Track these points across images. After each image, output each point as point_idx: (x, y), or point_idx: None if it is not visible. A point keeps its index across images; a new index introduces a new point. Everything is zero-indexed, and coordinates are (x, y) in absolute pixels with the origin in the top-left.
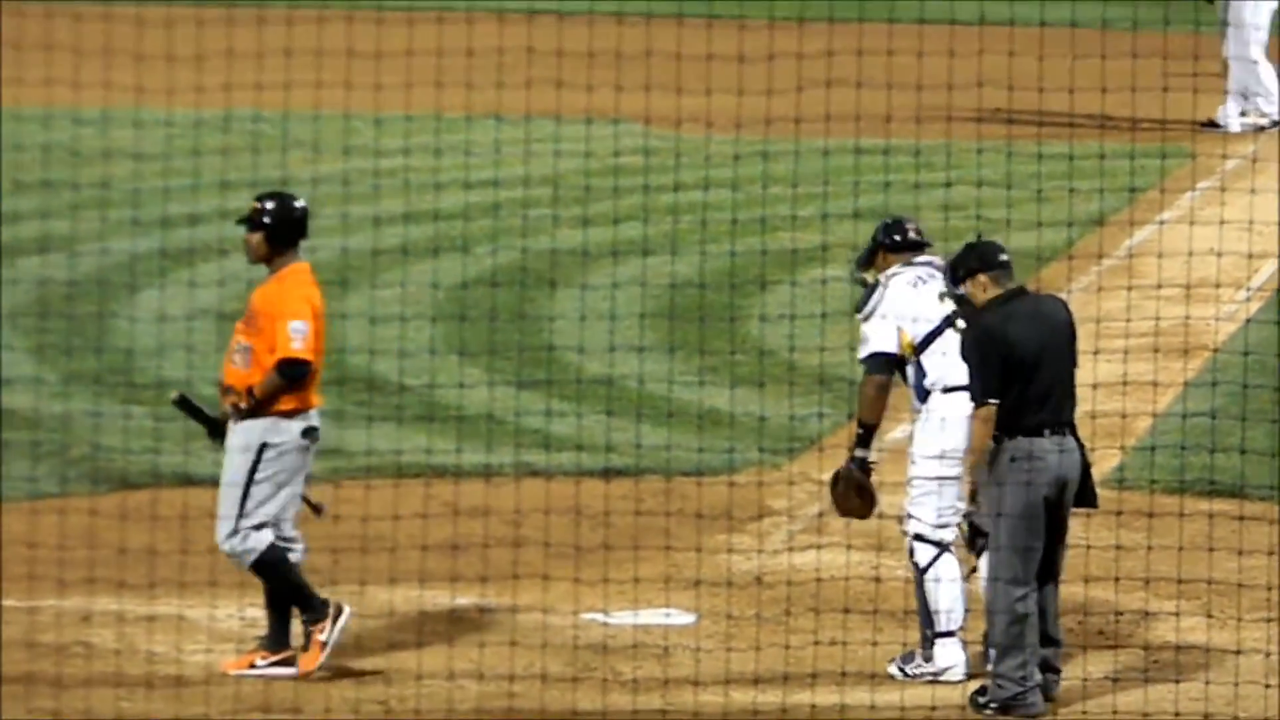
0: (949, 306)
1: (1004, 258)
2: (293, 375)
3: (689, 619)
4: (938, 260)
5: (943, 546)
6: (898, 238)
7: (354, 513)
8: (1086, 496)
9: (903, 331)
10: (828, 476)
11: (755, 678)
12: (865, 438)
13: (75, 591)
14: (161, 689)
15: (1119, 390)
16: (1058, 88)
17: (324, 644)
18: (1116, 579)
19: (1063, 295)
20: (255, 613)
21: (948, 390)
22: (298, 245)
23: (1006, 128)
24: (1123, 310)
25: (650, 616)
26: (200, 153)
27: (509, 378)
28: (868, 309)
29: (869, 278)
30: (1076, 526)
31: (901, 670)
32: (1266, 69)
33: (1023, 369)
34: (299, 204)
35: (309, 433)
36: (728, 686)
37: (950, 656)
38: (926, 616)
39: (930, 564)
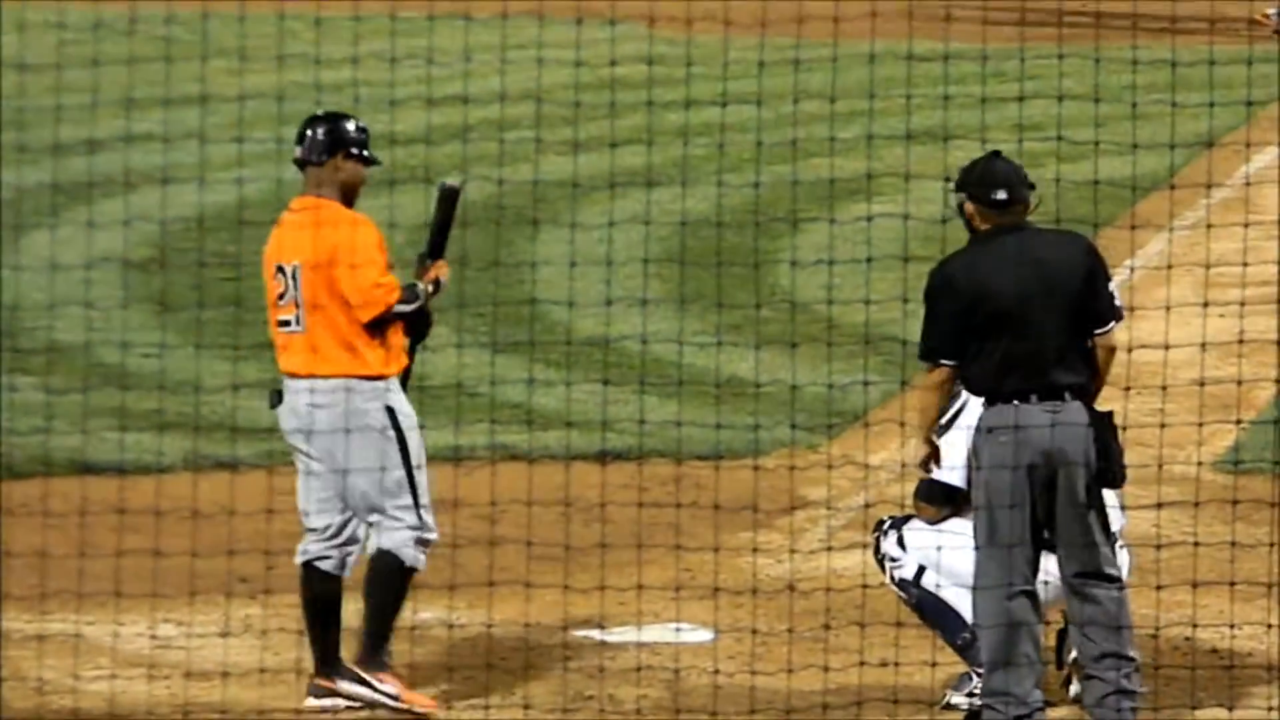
0: None
1: (999, 196)
2: None
3: (705, 635)
4: None
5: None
6: None
7: (291, 505)
8: (1106, 474)
9: None
10: (875, 460)
11: (787, 707)
12: None
13: None
14: None
15: (1233, 351)
16: None
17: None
18: (1232, 584)
19: (1085, 232)
20: (169, 630)
21: None
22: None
23: (1094, 28)
24: (1238, 253)
25: (657, 633)
26: (100, 62)
27: (481, 339)
28: (942, 428)
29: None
30: (1182, 519)
31: (967, 696)
32: None
33: (1000, 321)
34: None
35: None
36: (752, 717)
37: None
38: (951, 623)
39: (920, 572)
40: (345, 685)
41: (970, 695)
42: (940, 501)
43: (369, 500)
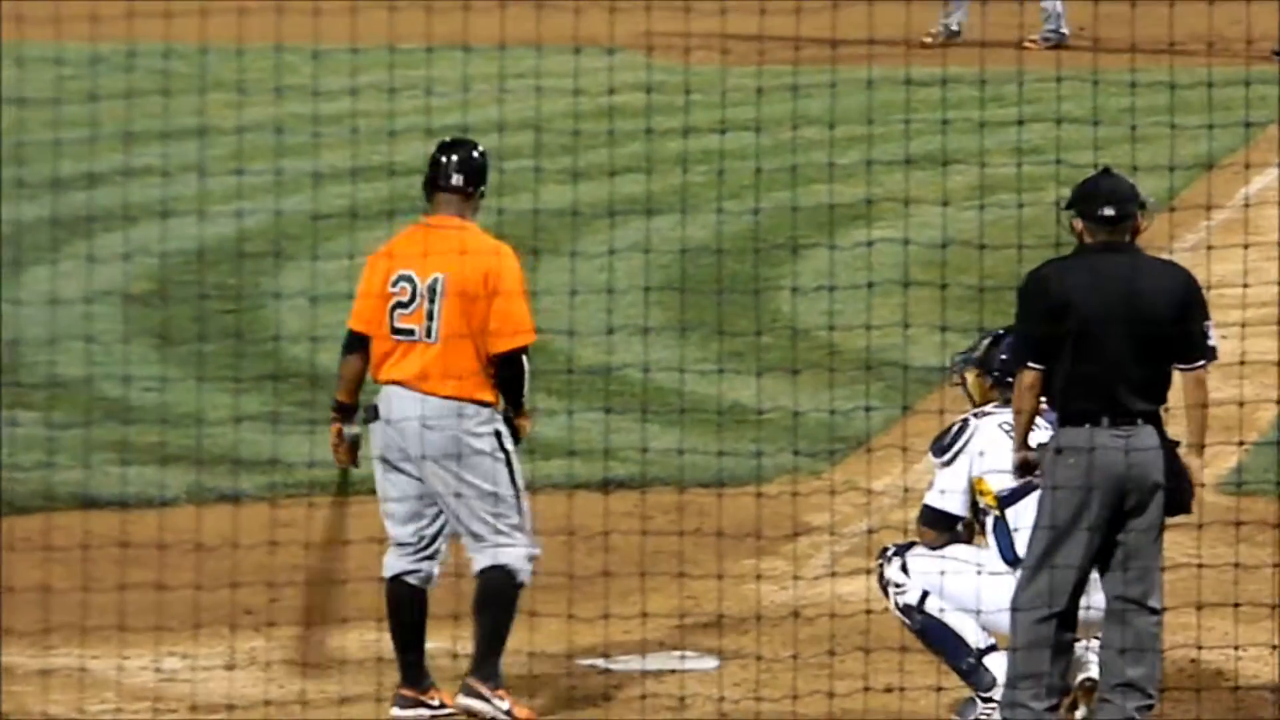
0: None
1: (1107, 213)
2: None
3: (709, 663)
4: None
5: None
6: (1009, 378)
7: (294, 537)
8: (1175, 501)
9: (984, 481)
10: (878, 485)
11: None
12: None
13: None
14: None
15: (1235, 373)
16: None
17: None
18: (1236, 605)
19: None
20: (173, 663)
21: None
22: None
23: (1092, 51)
24: (1238, 274)
25: (662, 660)
26: (99, 96)
27: None
28: (948, 454)
29: (969, 378)
30: (1185, 540)
31: None
32: None
33: (1081, 338)
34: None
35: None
36: None
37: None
38: (955, 648)
39: (923, 597)
40: (462, 699)
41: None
42: (942, 527)
43: (477, 520)
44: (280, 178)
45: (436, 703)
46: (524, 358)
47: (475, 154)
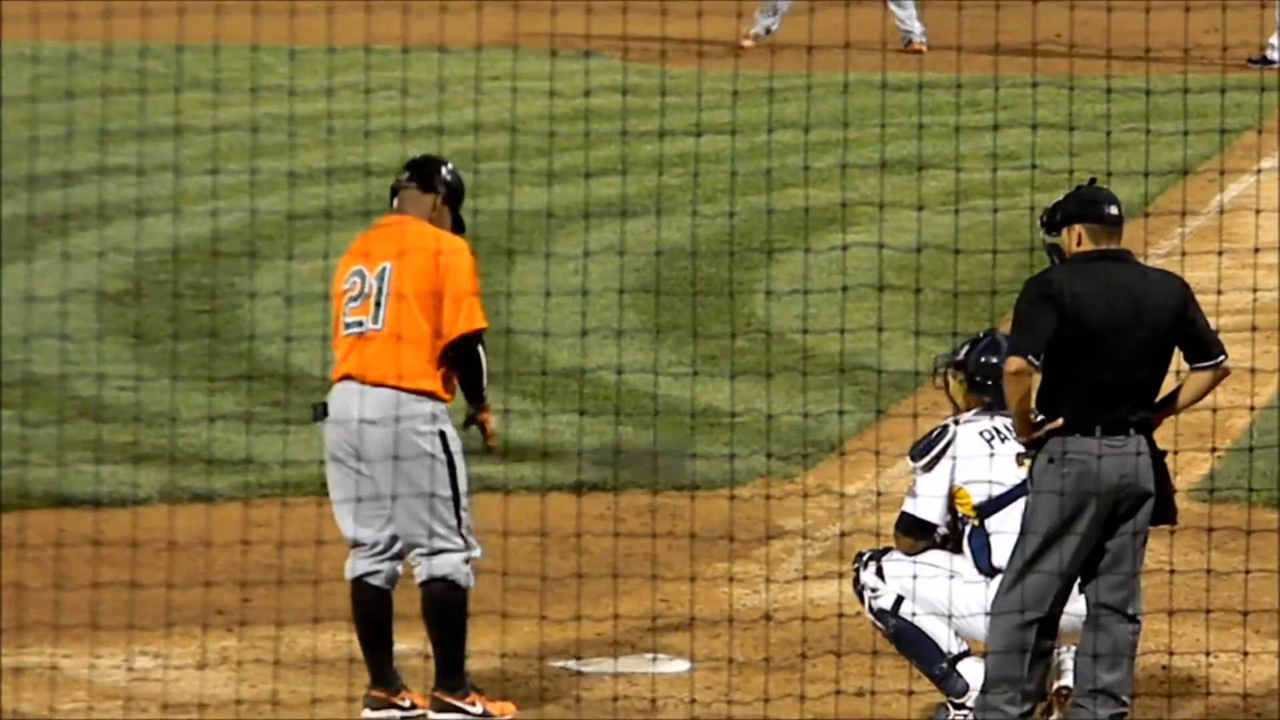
0: (1025, 471)
1: (1113, 211)
2: None
3: (681, 665)
4: None
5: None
6: (989, 381)
7: (268, 537)
8: (1161, 511)
9: (964, 490)
10: (850, 489)
11: None
12: None
13: None
14: None
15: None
16: (1131, 6)
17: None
18: (1208, 611)
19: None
20: (145, 662)
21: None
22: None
23: (1068, 57)
24: (1212, 281)
25: (634, 663)
26: (75, 95)
27: None
28: (927, 459)
29: (951, 381)
30: (1158, 546)
31: None
32: None
33: (1079, 344)
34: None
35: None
36: None
37: (979, 672)
38: (929, 653)
39: (898, 602)
40: (433, 717)
41: None
42: (919, 534)
43: (414, 522)
44: (255, 177)
45: (407, 704)
46: (480, 348)
47: (442, 169)
